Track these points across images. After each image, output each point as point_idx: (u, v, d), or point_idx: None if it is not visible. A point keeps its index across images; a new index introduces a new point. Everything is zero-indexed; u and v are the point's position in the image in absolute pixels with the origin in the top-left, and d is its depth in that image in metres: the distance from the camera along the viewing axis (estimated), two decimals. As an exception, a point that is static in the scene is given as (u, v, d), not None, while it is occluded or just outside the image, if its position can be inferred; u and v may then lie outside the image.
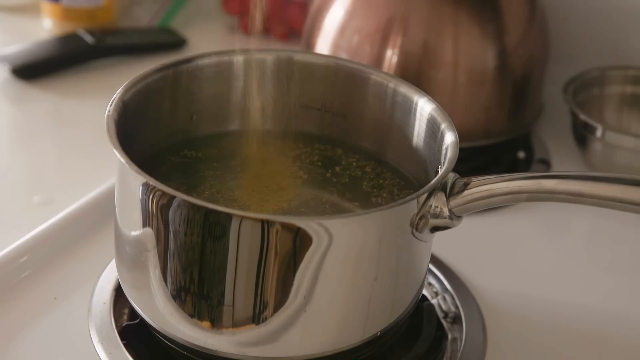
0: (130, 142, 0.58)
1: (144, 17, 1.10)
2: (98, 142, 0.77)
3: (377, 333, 0.59)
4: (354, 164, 0.67)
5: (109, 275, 0.67)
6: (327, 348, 0.58)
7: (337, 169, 0.67)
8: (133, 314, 0.64)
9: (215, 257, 0.54)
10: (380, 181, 0.66)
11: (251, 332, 0.56)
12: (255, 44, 0.67)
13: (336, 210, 0.62)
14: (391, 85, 0.66)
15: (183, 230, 0.54)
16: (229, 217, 0.53)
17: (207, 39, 1.07)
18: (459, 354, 0.64)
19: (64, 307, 0.66)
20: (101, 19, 1.04)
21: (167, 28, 1.07)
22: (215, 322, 0.56)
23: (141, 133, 0.63)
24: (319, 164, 0.67)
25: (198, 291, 0.56)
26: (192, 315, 0.57)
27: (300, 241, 0.53)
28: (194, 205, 0.54)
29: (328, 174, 0.66)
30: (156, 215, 0.55)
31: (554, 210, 0.78)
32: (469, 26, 0.82)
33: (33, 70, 0.95)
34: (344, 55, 0.83)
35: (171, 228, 0.55)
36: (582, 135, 0.86)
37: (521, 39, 0.84)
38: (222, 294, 0.55)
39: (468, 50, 0.82)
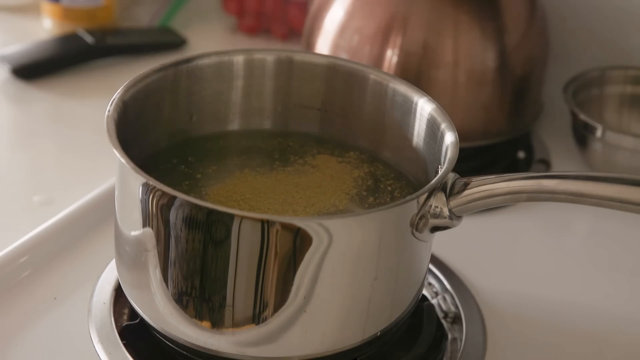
0: (130, 142, 0.58)
1: (144, 17, 1.10)
2: (98, 142, 0.77)
3: (377, 333, 0.59)
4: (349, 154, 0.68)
5: (109, 275, 0.67)
6: (327, 348, 0.58)
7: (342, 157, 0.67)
8: (133, 314, 0.64)
9: (215, 257, 0.54)
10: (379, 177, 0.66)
11: (251, 332, 0.56)
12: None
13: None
14: (391, 85, 0.66)
15: (183, 230, 0.54)
16: (229, 217, 0.53)
17: (207, 39, 1.07)
18: (459, 354, 0.64)
19: (64, 307, 0.66)
20: (101, 19, 1.04)
21: (167, 28, 1.07)
22: (216, 322, 0.56)
23: (141, 133, 0.63)
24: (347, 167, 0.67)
25: (198, 291, 0.56)
26: (192, 316, 0.56)
27: (300, 241, 0.53)
28: (194, 205, 0.54)
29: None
30: (156, 215, 0.55)
31: (554, 210, 0.78)
32: (469, 26, 0.82)
33: (33, 70, 0.95)
34: (344, 55, 0.83)
35: (171, 228, 0.55)
36: (582, 135, 0.86)
37: (521, 39, 0.84)
38: (222, 294, 0.55)
39: (468, 50, 0.81)
